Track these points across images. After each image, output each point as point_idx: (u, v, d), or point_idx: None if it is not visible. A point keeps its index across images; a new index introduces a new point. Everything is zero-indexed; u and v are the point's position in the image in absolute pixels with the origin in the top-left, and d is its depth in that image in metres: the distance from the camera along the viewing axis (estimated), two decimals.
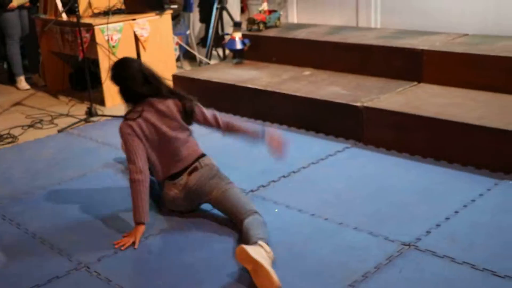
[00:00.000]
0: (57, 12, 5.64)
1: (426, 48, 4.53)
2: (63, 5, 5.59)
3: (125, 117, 3.14)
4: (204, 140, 3.40)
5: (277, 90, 4.69)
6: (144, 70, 3.19)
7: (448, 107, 3.92)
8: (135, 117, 3.10)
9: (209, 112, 3.28)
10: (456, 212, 3.06)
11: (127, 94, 3.19)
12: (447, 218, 3.00)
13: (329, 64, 5.16)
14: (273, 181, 3.63)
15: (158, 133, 3.13)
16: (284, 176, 3.67)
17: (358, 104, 4.14)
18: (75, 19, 5.12)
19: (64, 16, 5.51)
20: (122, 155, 4.19)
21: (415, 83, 4.54)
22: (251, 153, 3.90)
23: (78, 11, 5.07)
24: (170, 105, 3.18)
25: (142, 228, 3.03)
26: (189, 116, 3.23)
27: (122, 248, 2.95)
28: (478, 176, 3.47)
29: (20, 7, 6.18)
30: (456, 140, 3.65)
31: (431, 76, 4.48)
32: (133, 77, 3.13)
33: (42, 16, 6.02)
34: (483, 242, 2.77)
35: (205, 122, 3.27)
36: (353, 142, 4.16)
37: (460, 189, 3.32)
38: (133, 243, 2.97)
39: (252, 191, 3.50)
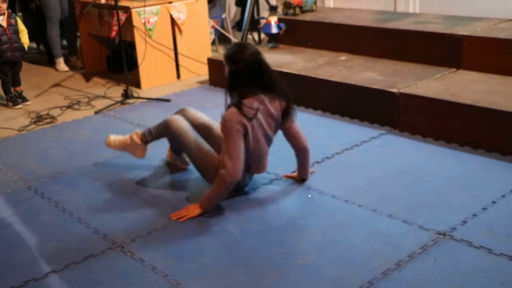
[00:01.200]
0: None
1: (466, 33, 4.43)
2: None
3: (239, 109, 2.97)
4: None
5: (312, 75, 4.65)
6: (261, 61, 3.03)
7: (487, 95, 3.83)
8: (251, 117, 2.99)
9: (295, 124, 3.23)
10: (494, 202, 3.00)
11: (236, 81, 3.03)
12: (484, 208, 2.95)
13: (365, 50, 5.10)
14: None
15: (264, 135, 3.10)
16: (318, 162, 3.65)
17: (395, 90, 4.08)
18: (113, 2, 5.16)
19: None
20: None
21: (454, 69, 4.45)
22: (283, 138, 3.89)
23: None
24: (277, 106, 3.09)
25: (199, 211, 3.05)
26: (284, 120, 3.16)
27: (180, 219, 3.02)
28: None
29: None
30: (495, 129, 3.57)
31: (471, 63, 4.38)
32: (249, 64, 2.99)
33: None
34: None
35: (287, 131, 3.24)
36: (388, 129, 4.11)
37: (499, 179, 3.25)
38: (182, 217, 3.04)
39: (286, 176, 3.49)
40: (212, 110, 5.00)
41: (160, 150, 3.82)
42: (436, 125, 3.86)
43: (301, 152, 3.29)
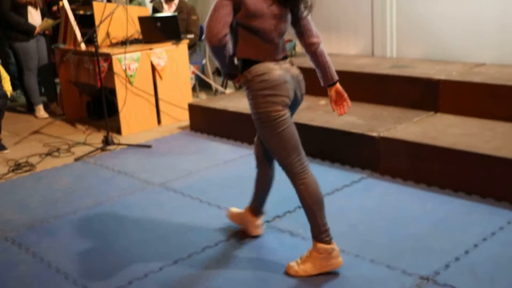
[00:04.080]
0: (76, 42, 5.73)
1: (442, 78, 4.52)
2: (82, 35, 5.68)
3: None
4: (219, 169, 3.39)
5: (293, 120, 4.67)
6: None
7: (465, 137, 3.88)
8: None
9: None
10: (476, 245, 3.01)
11: None
12: (467, 252, 2.95)
13: None
14: (289, 211, 3.60)
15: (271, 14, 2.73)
16: (299, 207, 3.61)
17: (375, 134, 4.12)
18: (93, 49, 5.20)
19: (83, 46, 5.59)
20: (138, 184, 4.22)
21: (432, 113, 4.52)
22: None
23: (97, 41, 5.15)
24: None
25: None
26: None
27: None
28: (497, 208, 3.42)
29: (38, 38, 6.30)
30: (474, 171, 3.61)
31: (448, 106, 4.46)
32: None
33: (62, 46, 6.12)
34: (504, 277, 2.71)
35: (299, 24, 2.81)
36: (369, 172, 4.13)
37: (480, 222, 3.27)
38: None
39: (267, 221, 3.47)
40: (193, 155, 5.01)
41: (148, 194, 3.79)
42: (416, 168, 3.89)
43: (316, 52, 2.88)
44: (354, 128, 4.30)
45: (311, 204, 2.82)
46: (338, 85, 2.95)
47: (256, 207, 3.23)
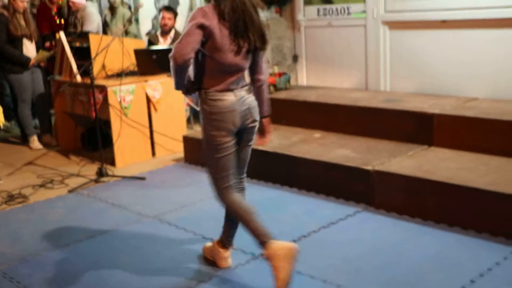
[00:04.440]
0: (72, 74, 5.76)
1: (436, 112, 4.56)
2: (78, 67, 5.71)
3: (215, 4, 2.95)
4: (214, 202, 3.37)
5: (287, 153, 4.69)
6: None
7: (459, 172, 3.90)
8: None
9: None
10: (472, 281, 2.99)
11: None
12: None
13: (339, 127, 5.19)
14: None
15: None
16: (294, 241, 3.62)
17: (369, 167, 4.13)
18: (89, 81, 5.22)
19: (78, 78, 5.62)
20: (132, 216, 4.19)
21: (426, 146, 4.54)
22: (260, 216, 3.87)
23: (92, 73, 5.17)
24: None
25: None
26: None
27: None
28: (493, 243, 3.41)
29: (33, 69, 6.33)
30: (469, 206, 3.61)
31: (442, 140, 4.49)
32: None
33: (57, 77, 6.14)
34: None
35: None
36: (364, 206, 4.12)
37: (476, 257, 3.26)
38: None
39: (262, 254, 3.44)
40: (187, 187, 5.00)
41: (141, 229, 3.76)
42: (411, 202, 3.89)
43: (258, 86, 3.15)
44: (348, 162, 4.31)
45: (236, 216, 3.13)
46: (268, 119, 3.25)
47: (225, 239, 3.35)
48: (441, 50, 5.21)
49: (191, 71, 3.00)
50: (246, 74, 3.10)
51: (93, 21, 7.14)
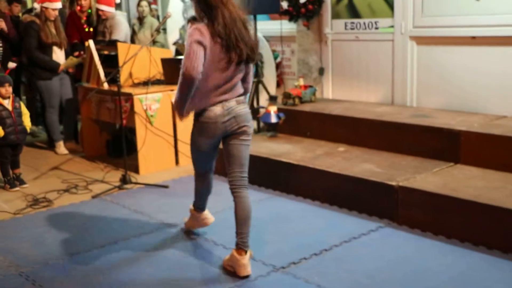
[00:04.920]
0: (99, 81, 5.82)
1: (464, 129, 4.50)
2: (106, 74, 5.78)
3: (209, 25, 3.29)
4: (231, 213, 3.37)
5: (311, 166, 4.67)
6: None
7: (486, 191, 3.83)
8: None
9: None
10: None
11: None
12: None
13: (363, 141, 5.16)
14: (305, 258, 3.56)
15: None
16: (315, 254, 3.60)
17: (394, 183, 4.09)
18: (116, 88, 5.27)
19: (105, 85, 5.68)
20: (154, 223, 4.21)
21: (452, 163, 4.48)
22: (282, 228, 3.85)
23: (120, 80, 5.22)
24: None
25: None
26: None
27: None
28: None
29: (62, 76, 6.43)
30: (495, 226, 3.54)
31: (469, 158, 4.42)
32: None
33: (85, 84, 6.22)
34: None
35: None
36: (387, 222, 4.08)
37: (502, 278, 3.19)
38: None
39: (283, 267, 3.42)
40: (209, 197, 4.97)
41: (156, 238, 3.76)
42: (435, 220, 3.84)
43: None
44: (372, 176, 4.27)
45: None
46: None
47: (197, 203, 3.94)
48: (470, 66, 5.15)
49: None
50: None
51: (121, 30, 7.21)
